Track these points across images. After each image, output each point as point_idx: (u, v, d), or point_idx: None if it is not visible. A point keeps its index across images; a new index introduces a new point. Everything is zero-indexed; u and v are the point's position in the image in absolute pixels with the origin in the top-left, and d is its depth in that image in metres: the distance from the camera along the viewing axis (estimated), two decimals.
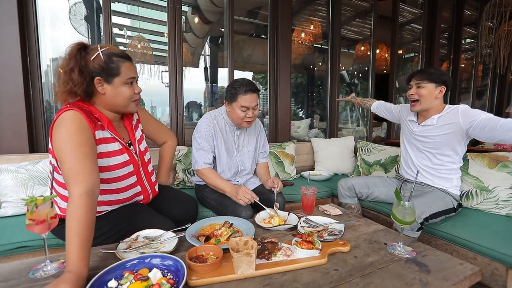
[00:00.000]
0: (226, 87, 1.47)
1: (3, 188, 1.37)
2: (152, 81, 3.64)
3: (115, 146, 1.04)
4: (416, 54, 3.95)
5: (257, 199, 1.28)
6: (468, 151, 1.64)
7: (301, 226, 1.07)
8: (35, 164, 1.47)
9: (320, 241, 0.92)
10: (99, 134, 0.99)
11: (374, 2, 3.26)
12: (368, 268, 0.81)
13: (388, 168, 1.97)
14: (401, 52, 4.32)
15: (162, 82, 3.58)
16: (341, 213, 1.27)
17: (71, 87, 0.94)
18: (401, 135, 1.62)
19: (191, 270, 0.76)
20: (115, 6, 2.68)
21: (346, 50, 4.78)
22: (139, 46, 3.47)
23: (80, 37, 2.52)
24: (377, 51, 3.98)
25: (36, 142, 1.77)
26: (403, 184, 1.55)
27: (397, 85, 4.31)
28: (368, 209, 1.67)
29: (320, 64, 4.49)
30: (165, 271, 0.75)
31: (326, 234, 1.01)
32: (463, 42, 4.50)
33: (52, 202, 0.79)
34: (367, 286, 0.73)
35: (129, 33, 3.53)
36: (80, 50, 0.95)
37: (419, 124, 1.44)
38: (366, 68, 3.53)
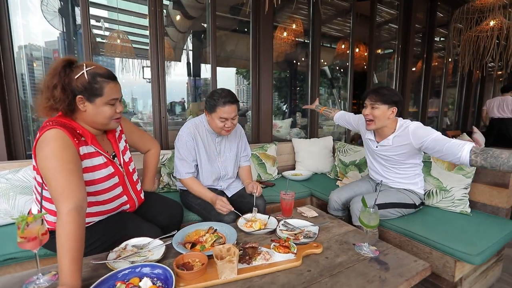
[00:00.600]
0: (206, 97, 1.51)
1: None
2: (133, 74, 3.56)
3: (100, 160, 1.07)
4: (393, 50, 4.11)
5: (232, 209, 1.36)
6: None
7: (280, 230, 1.17)
8: (16, 172, 1.46)
9: (296, 244, 1.03)
10: (83, 149, 1.01)
11: (353, 2, 3.36)
12: (337, 268, 0.93)
13: (362, 168, 2.12)
14: (379, 51, 4.52)
15: (144, 78, 3.53)
16: (317, 215, 1.38)
17: (52, 104, 0.95)
18: (364, 147, 1.73)
19: (179, 277, 0.83)
20: None
21: (328, 45, 4.91)
22: (118, 41, 3.39)
23: (53, 31, 2.42)
24: (357, 50, 4.13)
25: (15, 149, 1.73)
26: (377, 185, 1.70)
27: (376, 81, 4.51)
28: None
29: (302, 59, 4.59)
30: (155, 279, 0.82)
31: (302, 237, 1.11)
32: (436, 40, 4.76)
33: (42, 220, 0.83)
34: (335, 285, 0.84)
35: (106, 25, 3.43)
36: (65, 67, 0.96)
37: (377, 142, 1.54)
38: (347, 64, 3.66)
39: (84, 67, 0.98)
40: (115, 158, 1.17)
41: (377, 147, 1.54)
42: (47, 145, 0.90)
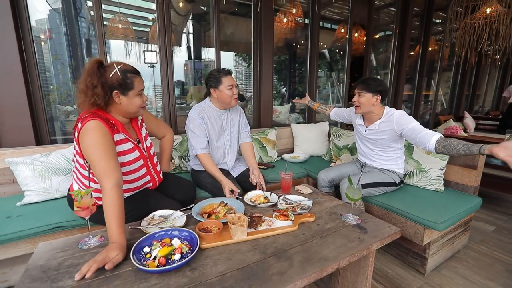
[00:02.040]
0: (205, 80, 1.74)
1: (22, 179, 1.56)
2: (129, 58, 3.62)
3: (129, 145, 1.27)
4: (391, 33, 4.17)
5: (237, 193, 1.54)
6: None
7: (280, 204, 1.40)
8: (47, 156, 1.65)
9: (293, 214, 1.26)
10: (116, 137, 1.21)
11: None
12: (325, 232, 1.16)
13: (353, 151, 2.33)
14: (377, 36, 4.58)
15: (145, 63, 3.63)
16: (312, 192, 1.61)
17: (95, 100, 1.13)
18: (355, 133, 1.94)
19: (201, 238, 1.06)
20: None
21: (328, 26, 4.94)
22: (120, 25, 3.47)
23: (42, 9, 2.42)
24: (356, 34, 4.20)
25: (40, 134, 1.92)
26: (364, 166, 1.92)
27: (375, 64, 4.62)
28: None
29: (302, 42, 4.66)
30: (182, 240, 1.05)
31: (299, 209, 1.34)
32: (436, 21, 4.80)
33: (91, 193, 1.04)
34: (323, 243, 1.07)
35: (103, 6, 3.48)
36: (99, 67, 1.14)
37: (366, 127, 1.75)
38: (346, 47, 3.75)
39: (115, 66, 1.16)
40: (139, 144, 1.36)
41: (365, 131, 1.76)
42: (89, 134, 1.08)
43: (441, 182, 1.75)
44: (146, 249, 0.98)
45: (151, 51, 3.79)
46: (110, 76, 1.15)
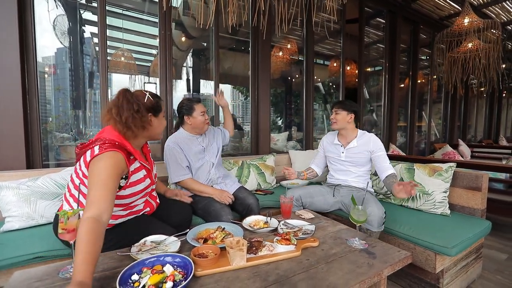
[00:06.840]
0: (177, 109, 1.82)
1: (5, 204, 1.47)
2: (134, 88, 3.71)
3: (142, 173, 1.24)
4: (381, 67, 4.39)
5: (233, 198, 1.71)
6: (417, 160, 1.99)
7: (280, 228, 1.31)
8: (35, 180, 1.58)
9: (296, 238, 1.17)
10: (132, 167, 1.18)
11: (343, 24, 3.64)
12: (331, 257, 1.07)
13: None
14: (369, 69, 4.83)
15: None
16: (313, 216, 1.53)
17: (144, 122, 1.18)
18: (329, 163, 1.97)
19: (196, 264, 0.96)
20: (93, 17, 2.81)
21: (321, 63, 5.21)
22: (122, 59, 3.62)
23: (50, 46, 2.56)
24: (348, 67, 4.42)
25: (32, 158, 1.86)
26: (335, 188, 1.88)
27: (367, 96, 4.79)
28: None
29: (297, 76, 4.87)
30: (175, 266, 0.95)
31: (301, 233, 1.26)
32: (422, 58, 5.11)
33: (79, 214, 0.96)
34: (330, 269, 0.98)
35: (108, 42, 3.65)
36: (131, 94, 1.18)
37: (344, 147, 1.84)
38: (340, 80, 3.90)
39: (146, 92, 1.22)
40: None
41: (343, 152, 1.83)
42: (103, 162, 1.03)
43: (446, 206, 1.68)
44: (135, 277, 0.88)
45: (151, 83, 3.93)
46: (145, 100, 1.20)
